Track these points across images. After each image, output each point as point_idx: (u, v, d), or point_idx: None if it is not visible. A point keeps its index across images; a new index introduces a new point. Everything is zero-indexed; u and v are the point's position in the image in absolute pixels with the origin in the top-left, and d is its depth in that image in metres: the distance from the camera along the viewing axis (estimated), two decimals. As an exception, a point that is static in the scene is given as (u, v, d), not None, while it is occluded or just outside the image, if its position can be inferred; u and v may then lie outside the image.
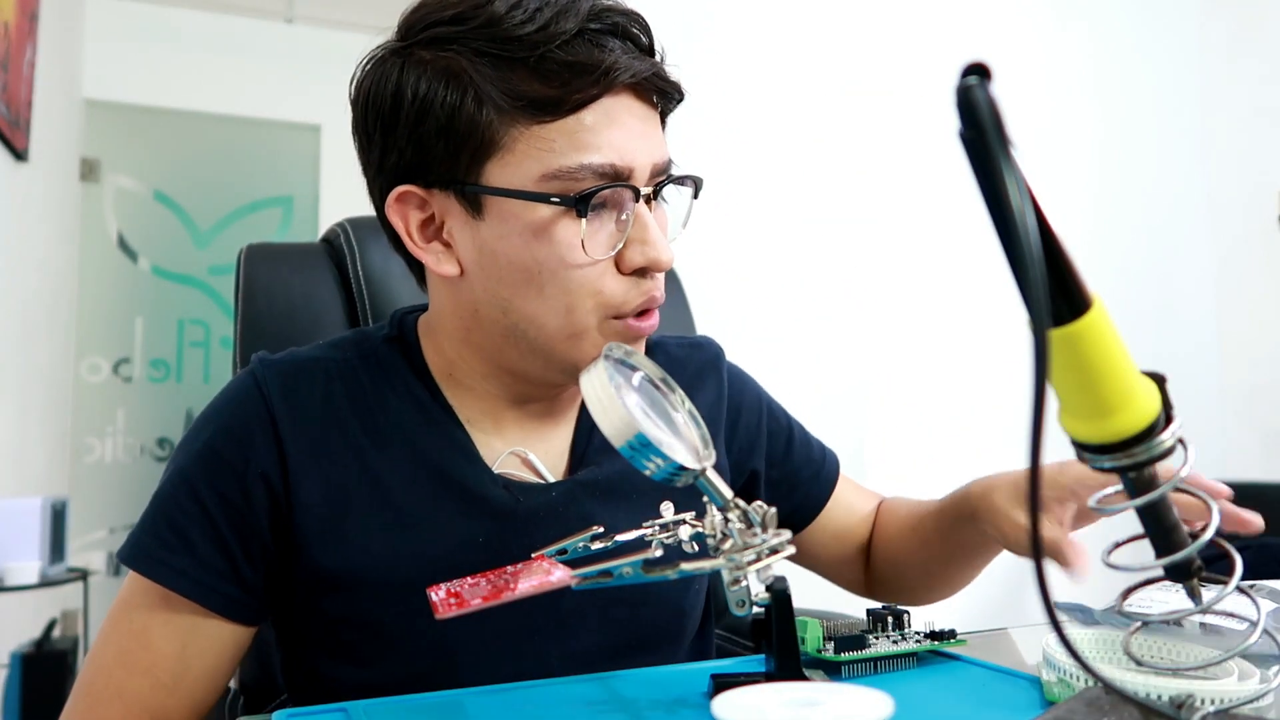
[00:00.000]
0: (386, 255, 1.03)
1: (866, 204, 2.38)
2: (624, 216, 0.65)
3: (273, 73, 3.73)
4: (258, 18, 3.75)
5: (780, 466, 0.87)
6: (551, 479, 0.73)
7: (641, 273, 0.67)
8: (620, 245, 0.65)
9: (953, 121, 0.35)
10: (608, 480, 0.73)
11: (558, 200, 0.63)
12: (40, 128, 2.73)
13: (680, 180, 0.69)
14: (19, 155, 2.53)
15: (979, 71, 0.35)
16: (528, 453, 0.73)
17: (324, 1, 3.68)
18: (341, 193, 3.66)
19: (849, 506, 0.90)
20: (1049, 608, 0.35)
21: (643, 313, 0.68)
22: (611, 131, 0.64)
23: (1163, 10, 2.83)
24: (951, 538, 0.81)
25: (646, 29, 0.68)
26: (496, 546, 0.69)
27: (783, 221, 2.29)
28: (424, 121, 0.64)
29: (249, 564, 0.68)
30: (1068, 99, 2.61)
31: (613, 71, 0.63)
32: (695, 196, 0.71)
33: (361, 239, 1.03)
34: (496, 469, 0.72)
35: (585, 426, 0.76)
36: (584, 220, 0.64)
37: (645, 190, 0.66)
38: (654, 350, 0.83)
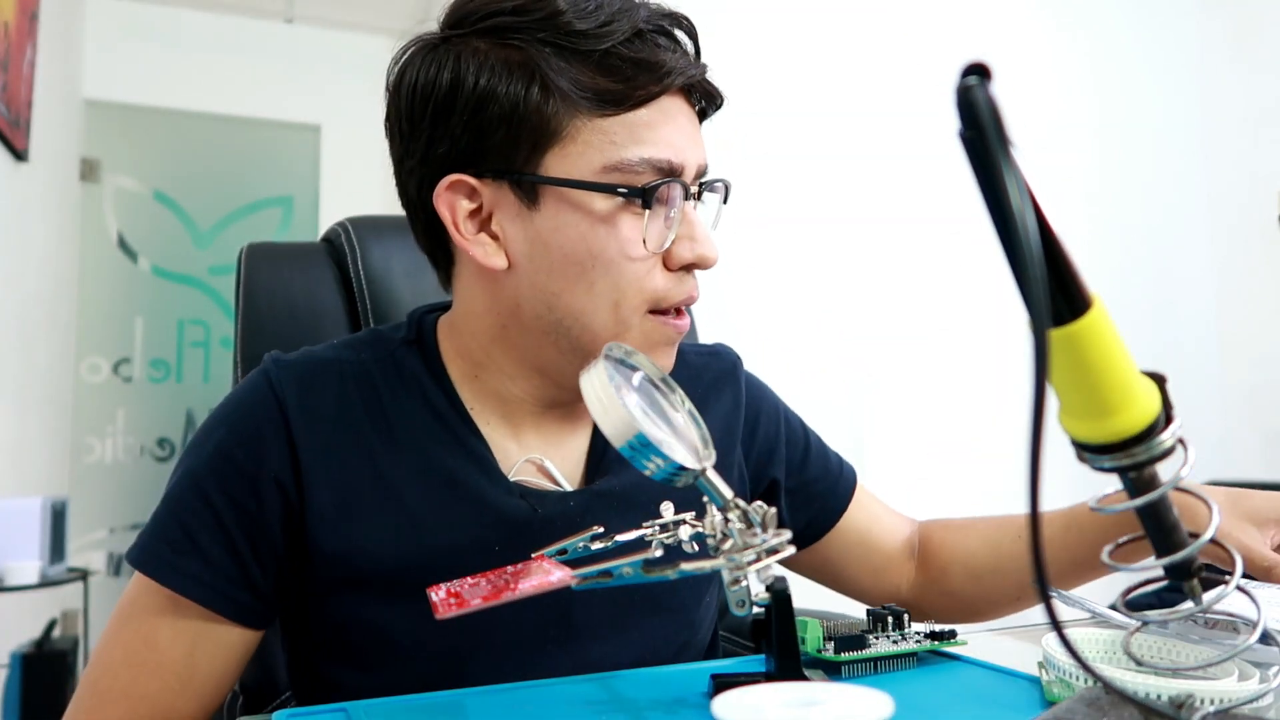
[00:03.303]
0: (387, 255, 1.02)
1: (866, 204, 2.38)
2: (673, 214, 0.67)
3: (273, 73, 3.73)
4: (258, 18, 3.75)
5: (797, 475, 0.87)
6: (568, 487, 0.73)
7: (687, 269, 0.69)
8: (669, 241, 0.67)
9: (953, 121, 0.35)
10: (624, 490, 0.73)
11: (624, 191, 0.65)
12: (40, 128, 2.73)
13: (713, 184, 0.71)
14: (19, 155, 2.53)
15: (979, 71, 0.35)
16: (544, 460, 0.73)
17: (324, 1, 3.68)
18: (341, 193, 3.65)
19: (872, 516, 0.90)
20: (1049, 607, 0.35)
21: (678, 312, 0.70)
22: (668, 129, 0.66)
23: (1163, 10, 2.83)
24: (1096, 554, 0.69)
25: (696, 35, 0.70)
26: (511, 554, 0.67)
27: (782, 222, 2.29)
28: (484, 110, 0.65)
29: (259, 568, 0.67)
30: (1068, 99, 2.62)
31: (673, 72, 0.65)
32: (725, 201, 0.73)
33: (362, 238, 1.02)
34: (513, 476, 0.71)
35: (602, 434, 0.75)
36: (647, 213, 0.65)
37: (693, 189, 0.68)
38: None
